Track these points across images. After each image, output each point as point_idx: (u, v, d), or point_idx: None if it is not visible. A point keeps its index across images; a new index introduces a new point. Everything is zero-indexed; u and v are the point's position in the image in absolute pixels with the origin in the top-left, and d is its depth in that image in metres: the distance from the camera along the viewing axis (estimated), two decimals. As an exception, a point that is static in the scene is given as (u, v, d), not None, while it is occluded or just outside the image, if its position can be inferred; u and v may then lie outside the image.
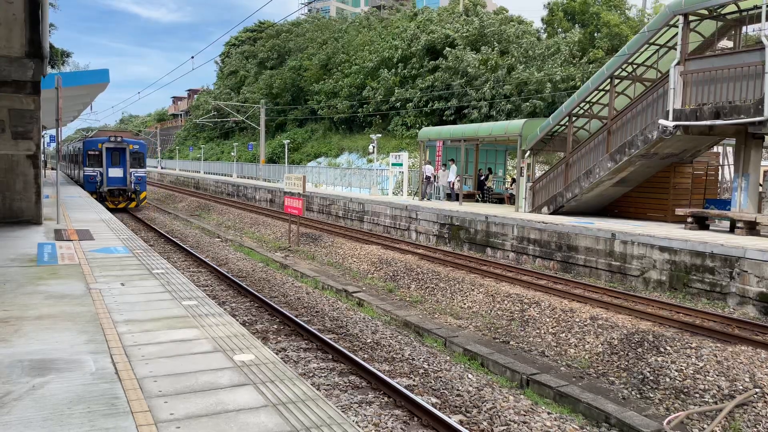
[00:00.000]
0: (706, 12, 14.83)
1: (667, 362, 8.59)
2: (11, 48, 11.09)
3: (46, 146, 38.75)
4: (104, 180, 27.99)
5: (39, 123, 12.30)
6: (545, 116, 24.90)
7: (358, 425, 6.33)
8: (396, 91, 40.56)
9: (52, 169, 47.80)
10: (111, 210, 22.43)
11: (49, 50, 11.80)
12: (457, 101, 36.86)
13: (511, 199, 22.73)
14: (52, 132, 39.50)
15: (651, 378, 8.35)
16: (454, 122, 35.48)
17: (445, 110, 37.54)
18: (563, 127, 19.32)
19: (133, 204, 29.29)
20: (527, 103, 33.90)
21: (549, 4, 43.72)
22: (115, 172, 28.27)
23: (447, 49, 39.05)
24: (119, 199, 28.62)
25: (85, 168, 28.15)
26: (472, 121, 34.13)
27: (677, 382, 8.11)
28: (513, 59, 36.77)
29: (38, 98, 11.94)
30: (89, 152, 28.13)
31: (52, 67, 30.83)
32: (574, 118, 18.93)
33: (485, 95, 35.34)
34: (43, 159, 16.13)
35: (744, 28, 16.03)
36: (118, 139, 29.16)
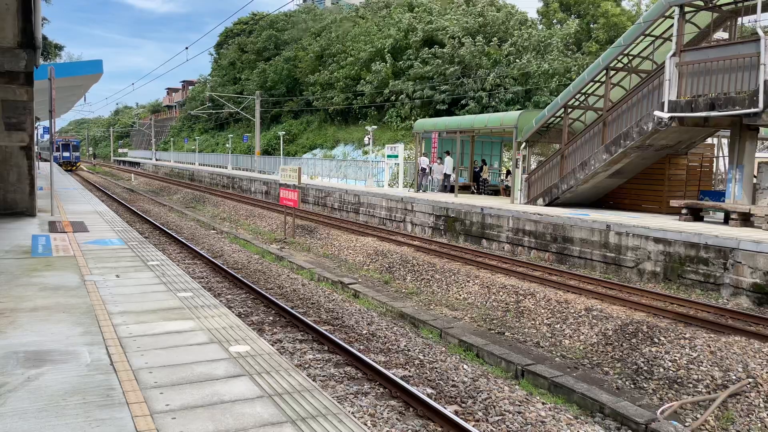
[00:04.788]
0: (701, 3, 14.82)
1: (661, 353, 8.64)
2: (4, 38, 11.01)
3: (39, 138, 39.73)
4: (61, 158, 59.25)
5: (32, 114, 12.23)
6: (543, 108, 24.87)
7: (354, 415, 6.35)
8: (390, 83, 40.34)
9: (44, 160, 51.67)
10: (66, 171, 50.04)
11: (42, 42, 11.71)
12: (452, 89, 36.59)
13: (507, 191, 22.75)
14: (45, 123, 39.36)
15: (645, 368, 8.40)
16: (450, 114, 35.34)
17: (440, 102, 37.38)
18: (559, 119, 19.32)
19: (74, 168, 60.87)
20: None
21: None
22: (66, 155, 60.39)
23: (445, 37, 38.72)
24: (68, 166, 58.83)
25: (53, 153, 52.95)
26: (468, 112, 34.02)
27: (671, 372, 8.16)
28: (514, 49, 36.45)
29: (31, 89, 11.86)
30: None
31: (46, 59, 30.74)
32: (569, 110, 18.92)
33: (485, 86, 35.07)
34: (37, 151, 16.12)
35: (739, 19, 16.04)
36: (67, 140, 64.32)
